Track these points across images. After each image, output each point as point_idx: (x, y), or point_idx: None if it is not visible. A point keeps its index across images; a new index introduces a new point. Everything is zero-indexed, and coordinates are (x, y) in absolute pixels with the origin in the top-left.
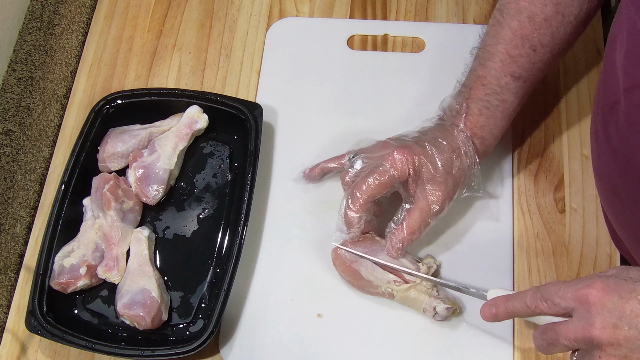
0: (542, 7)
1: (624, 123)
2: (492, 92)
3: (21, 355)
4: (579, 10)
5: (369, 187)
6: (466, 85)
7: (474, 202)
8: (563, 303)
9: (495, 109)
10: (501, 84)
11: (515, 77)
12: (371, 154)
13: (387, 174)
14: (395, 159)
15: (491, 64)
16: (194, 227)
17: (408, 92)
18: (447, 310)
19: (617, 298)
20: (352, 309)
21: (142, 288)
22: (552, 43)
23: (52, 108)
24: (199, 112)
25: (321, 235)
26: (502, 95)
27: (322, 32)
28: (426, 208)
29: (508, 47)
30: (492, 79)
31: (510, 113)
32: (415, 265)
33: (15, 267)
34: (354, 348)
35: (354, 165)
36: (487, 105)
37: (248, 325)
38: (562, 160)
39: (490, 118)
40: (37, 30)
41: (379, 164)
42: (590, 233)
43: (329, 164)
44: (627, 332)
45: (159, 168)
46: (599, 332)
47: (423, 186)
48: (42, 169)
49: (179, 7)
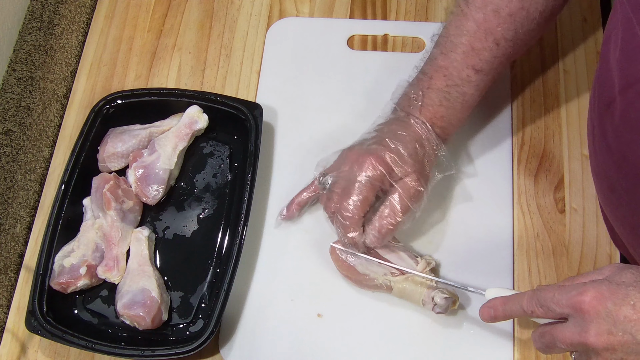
0: (507, 1)
1: (619, 121)
2: (453, 83)
3: (21, 355)
4: (544, 7)
5: (355, 205)
6: (426, 73)
7: (474, 202)
8: (558, 309)
9: (455, 100)
10: (462, 76)
11: (476, 69)
12: (339, 168)
13: (366, 186)
14: (366, 167)
15: (453, 55)
16: (194, 227)
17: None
18: (446, 300)
19: (610, 305)
20: (352, 309)
21: (142, 288)
22: (515, 38)
23: (52, 108)
24: (199, 112)
25: (321, 235)
26: (463, 87)
27: (322, 32)
28: (404, 194)
29: (471, 39)
30: (454, 70)
31: (470, 105)
32: (413, 260)
33: (15, 267)
34: (354, 348)
35: (326, 186)
36: (447, 97)
37: (248, 325)
38: (562, 160)
39: (450, 109)
40: (37, 30)
41: (352, 177)
42: (590, 233)
43: (302, 195)
44: (621, 338)
45: (159, 168)
46: (594, 339)
47: (398, 181)
48: (42, 169)
49: (179, 7)
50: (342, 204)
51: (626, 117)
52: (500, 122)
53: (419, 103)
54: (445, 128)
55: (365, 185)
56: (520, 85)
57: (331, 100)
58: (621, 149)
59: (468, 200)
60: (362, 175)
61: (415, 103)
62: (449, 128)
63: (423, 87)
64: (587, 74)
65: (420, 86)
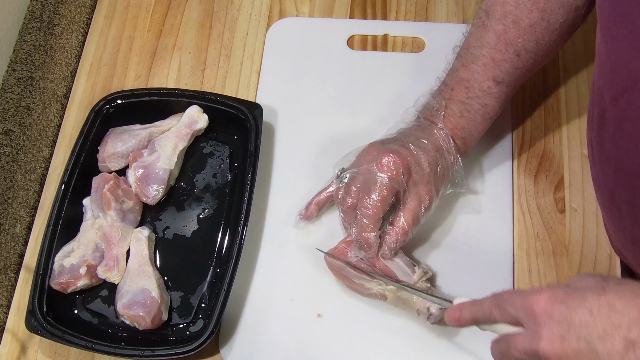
0: (527, 12)
1: (614, 130)
2: (474, 95)
3: (21, 355)
4: (565, 18)
5: (375, 204)
6: (447, 84)
7: (473, 203)
8: (513, 312)
9: (476, 112)
10: (483, 88)
11: (497, 81)
12: (358, 165)
13: (386, 185)
14: (386, 165)
15: (474, 67)
16: (194, 227)
17: (408, 92)
18: (442, 311)
19: (564, 308)
20: (352, 309)
21: (142, 288)
22: (536, 49)
23: (52, 108)
24: (199, 112)
25: (321, 235)
26: (484, 99)
27: (322, 32)
28: (417, 207)
29: (492, 51)
30: (475, 82)
31: (491, 116)
32: (410, 269)
33: (15, 267)
34: (353, 348)
35: (344, 181)
36: (468, 109)
37: (248, 325)
38: (562, 160)
39: (470, 121)
40: (37, 30)
41: (372, 176)
42: (590, 233)
43: (321, 195)
44: (575, 345)
45: (159, 168)
46: (546, 345)
47: (412, 187)
48: (42, 169)
49: (179, 7)
50: (362, 202)
51: (620, 127)
52: (500, 122)
53: (442, 112)
54: (466, 139)
55: (385, 185)
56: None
57: (331, 100)
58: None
59: (468, 200)
60: (383, 174)
61: (438, 113)
62: (469, 140)
63: (444, 98)
64: (587, 74)
65: (442, 97)
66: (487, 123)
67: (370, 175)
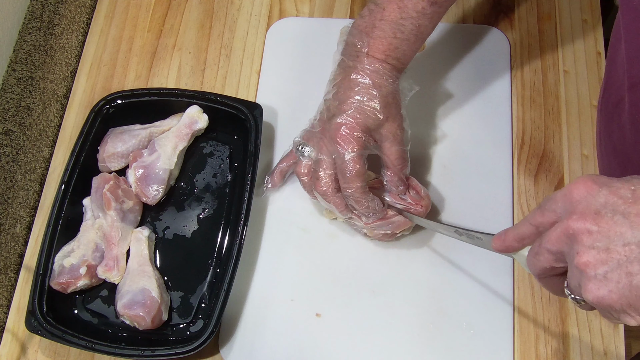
0: None
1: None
2: (407, 16)
3: (21, 355)
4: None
5: (356, 186)
6: (379, 4)
7: (473, 202)
8: (553, 205)
9: (410, 32)
10: (418, 9)
11: (431, 2)
12: (315, 139)
13: (353, 159)
14: (344, 141)
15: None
16: (194, 227)
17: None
18: None
19: (605, 190)
20: (352, 309)
21: (142, 288)
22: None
23: (52, 108)
24: (199, 112)
25: (321, 235)
26: (418, 19)
27: (322, 32)
28: (394, 140)
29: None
30: (409, 2)
31: (423, 37)
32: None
33: (15, 267)
34: (353, 348)
35: (304, 154)
36: (401, 29)
37: (248, 325)
38: (562, 160)
39: (404, 41)
40: (37, 30)
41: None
42: None
43: (283, 163)
44: (609, 219)
45: (159, 168)
46: (576, 220)
47: (380, 134)
48: (42, 169)
49: (179, 7)
50: (345, 188)
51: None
52: (500, 122)
53: (365, 49)
54: (400, 59)
55: (354, 159)
56: (520, 85)
57: None
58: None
59: (468, 201)
60: (347, 151)
61: (362, 50)
62: (403, 58)
63: (375, 18)
64: (587, 74)
65: (372, 18)
66: (420, 42)
67: (336, 154)
